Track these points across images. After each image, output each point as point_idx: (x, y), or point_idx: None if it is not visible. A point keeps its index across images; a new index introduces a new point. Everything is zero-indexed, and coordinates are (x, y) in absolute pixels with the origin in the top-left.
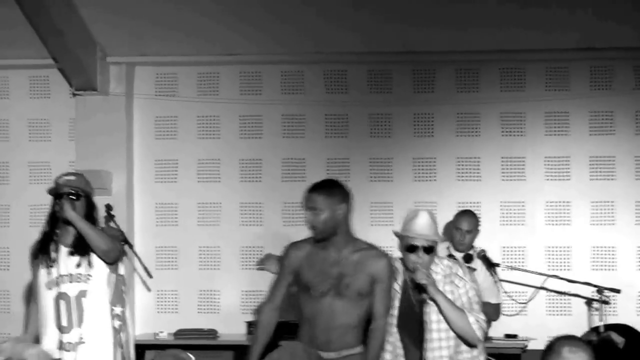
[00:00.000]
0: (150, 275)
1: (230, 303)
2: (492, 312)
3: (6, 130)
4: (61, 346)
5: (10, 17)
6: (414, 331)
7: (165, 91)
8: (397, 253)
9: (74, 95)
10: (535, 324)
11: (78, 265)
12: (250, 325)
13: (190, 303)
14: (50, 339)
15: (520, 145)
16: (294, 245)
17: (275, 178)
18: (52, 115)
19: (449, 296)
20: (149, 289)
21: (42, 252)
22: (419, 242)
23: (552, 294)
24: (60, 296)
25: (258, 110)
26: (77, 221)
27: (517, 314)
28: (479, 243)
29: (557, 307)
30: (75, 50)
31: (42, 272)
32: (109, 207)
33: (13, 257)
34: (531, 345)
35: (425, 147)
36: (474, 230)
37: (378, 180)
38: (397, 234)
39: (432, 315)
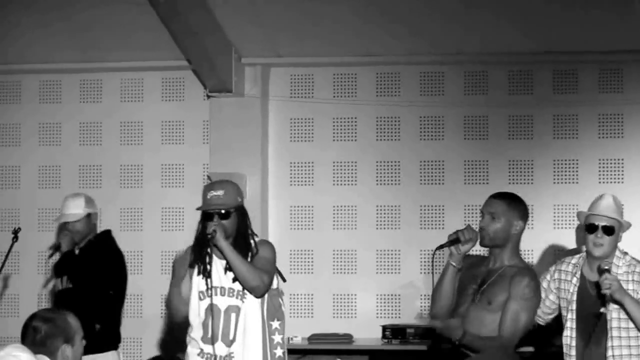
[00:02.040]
0: (284, 280)
1: (366, 307)
2: None
3: (140, 132)
4: (204, 357)
5: (145, 19)
6: (587, 331)
7: (301, 93)
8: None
9: (208, 97)
10: None
11: (234, 280)
12: (385, 329)
13: (325, 307)
14: (193, 348)
15: None
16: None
17: (413, 180)
18: (185, 118)
19: (634, 295)
20: (283, 293)
21: (198, 260)
22: (598, 221)
23: None
24: (210, 308)
25: (395, 112)
26: (228, 252)
27: None
28: None
29: None
30: (210, 52)
31: (195, 280)
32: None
33: (146, 261)
34: None
35: (566, 149)
36: None
37: (517, 183)
38: (579, 217)
39: (613, 313)
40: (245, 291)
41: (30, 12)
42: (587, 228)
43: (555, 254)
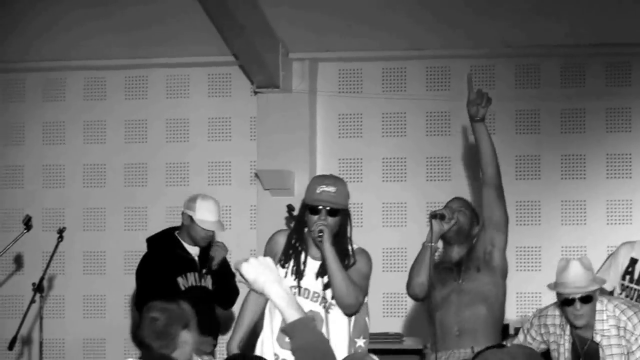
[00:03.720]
0: None
1: (416, 306)
2: None
3: (186, 129)
4: (275, 358)
5: (191, 13)
6: None
7: (349, 88)
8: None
9: (256, 93)
10: None
11: (325, 287)
12: None
13: (376, 306)
14: (268, 349)
15: None
16: None
17: (465, 177)
18: (232, 114)
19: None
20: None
21: (290, 257)
22: (573, 294)
23: None
24: None
25: (445, 107)
26: (330, 259)
27: None
28: None
29: None
30: (257, 47)
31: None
32: (290, 208)
33: None
34: None
35: (620, 143)
36: None
37: (570, 178)
38: (550, 288)
39: (606, 350)
40: (331, 302)
41: (74, 7)
42: (563, 302)
43: (608, 250)
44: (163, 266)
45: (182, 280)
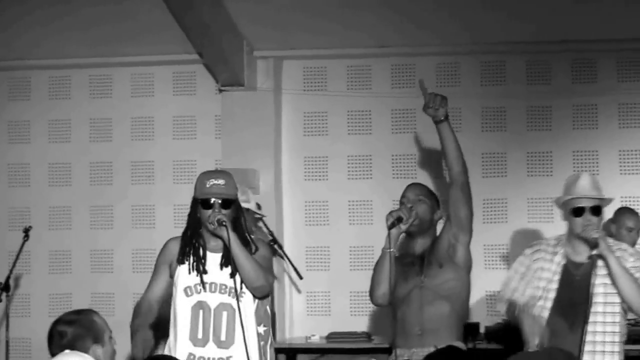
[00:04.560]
0: (300, 277)
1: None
2: None
3: (151, 128)
4: (189, 358)
5: (156, 11)
6: (571, 314)
7: (314, 86)
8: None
9: (220, 91)
10: None
11: (231, 276)
12: None
13: (343, 305)
14: (181, 350)
15: None
16: None
17: (430, 174)
18: (197, 112)
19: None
20: (299, 291)
21: (188, 254)
22: (584, 203)
23: None
24: (199, 305)
25: (411, 104)
26: (235, 246)
27: None
28: None
29: None
30: (222, 45)
31: (183, 276)
32: (257, 207)
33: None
34: None
35: (586, 140)
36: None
37: (537, 175)
38: (558, 202)
39: (599, 288)
40: (243, 290)
41: (39, 5)
42: (574, 212)
43: None
44: None
45: None
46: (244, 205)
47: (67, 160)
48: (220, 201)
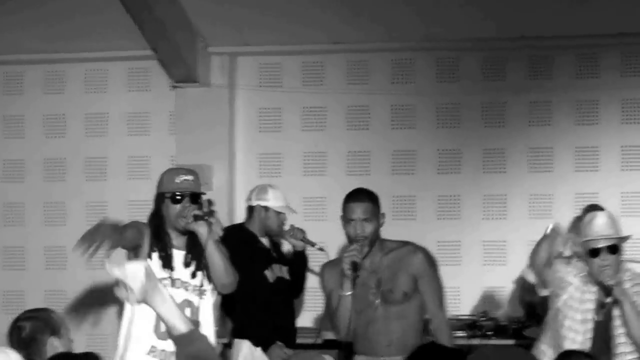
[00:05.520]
0: None
1: None
2: None
3: (104, 124)
4: (152, 350)
5: (110, 7)
6: (603, 349)
7: (269, 82)
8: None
9: (174, 87)
10: None
11: (193, 276)
12: None
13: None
14: (141, 342)
15: None
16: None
17: (384, 171)
18: (151, 109)
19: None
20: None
21: (158, 249)
22: (601, 244)
23: None
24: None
25: (365, 101)
26: (210, 243)
27: None
28: None
29: None
30: (176, 41)
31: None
32: (210, 203)
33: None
34: None
35: (541, 137)
36: None
37: (491, 172)
38: (575, 244)
39: (620, 329)
40: (203, 288)
41: None
42: (591, 253)
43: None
44: (250, 261)
45: (269, 273)
46: (261, 204)
47: (20, 156)
48: (190, 195)
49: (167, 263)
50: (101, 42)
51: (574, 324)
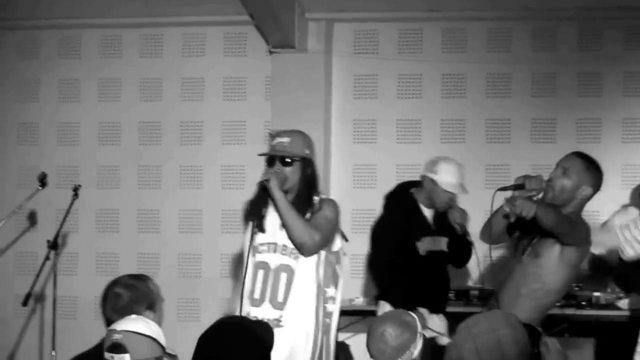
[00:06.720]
0: (346, 239)
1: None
2: None
3: (201, 88)
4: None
5: None
6: None
7: (365, 49)
8: None
9: (271, 53)
10: None
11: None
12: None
13: None
14: (241, 308)
15: None
16: None
17: (479, 139)
18: (248, 73)
19: None
20: (344, 253)
21: (253, 214)
22: None
23: None
24: (260, 265)
25: (462, 69)
26: (280, 203)
27: None
28: None
29: None
30: (273, 7)
31: (248, 236)
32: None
33: (205, 220)
34: None
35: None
36: None
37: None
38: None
39: None
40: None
41: None
42: None
43: None
44: (404, 230)
45: (421, 244)
46: (430, 175)
47: (116, 119)
48: (284, 158)
49: (260, 226)
50: (198, 7)
51: None
